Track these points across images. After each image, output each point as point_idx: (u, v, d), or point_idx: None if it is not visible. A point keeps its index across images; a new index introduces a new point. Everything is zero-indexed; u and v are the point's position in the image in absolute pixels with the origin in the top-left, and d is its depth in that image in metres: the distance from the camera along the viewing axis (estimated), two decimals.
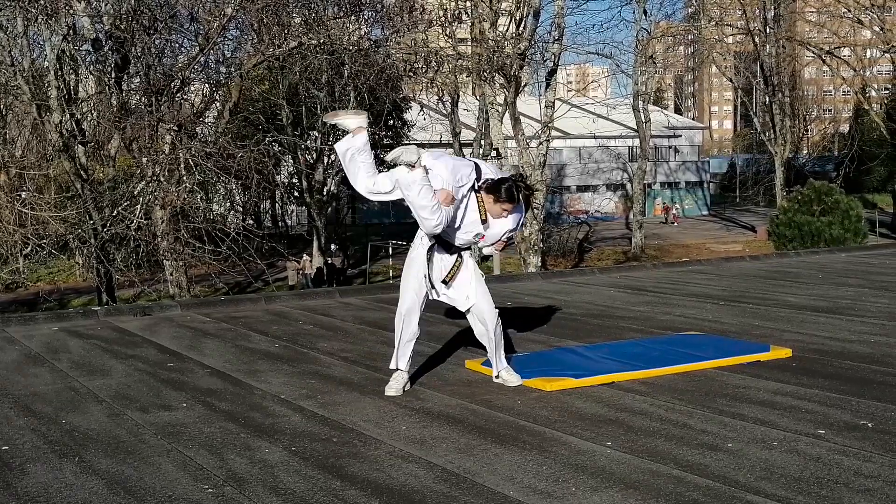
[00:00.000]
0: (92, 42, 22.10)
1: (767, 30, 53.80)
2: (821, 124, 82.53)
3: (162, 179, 20.31)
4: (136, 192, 20.71)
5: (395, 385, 6.68)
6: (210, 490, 4.69)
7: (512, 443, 5.42)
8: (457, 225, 6.59)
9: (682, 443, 5.35)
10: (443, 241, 6.69)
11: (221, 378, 7.34)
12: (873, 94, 63.37)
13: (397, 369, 6.76)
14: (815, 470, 4.82)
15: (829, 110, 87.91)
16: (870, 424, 5.64)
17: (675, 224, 65.43)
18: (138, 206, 20.39)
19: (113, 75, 21.87)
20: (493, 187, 6.54)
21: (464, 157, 6.82)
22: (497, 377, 6.96)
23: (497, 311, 6.87)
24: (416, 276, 6.71)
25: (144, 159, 20.81)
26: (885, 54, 53.24)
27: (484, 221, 6.60)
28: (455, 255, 6.79)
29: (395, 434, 5.65)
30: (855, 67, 56.43)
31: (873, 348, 8.07)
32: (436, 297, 6.81)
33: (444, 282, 6.74)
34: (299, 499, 4.55)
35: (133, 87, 22.44)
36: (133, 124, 20.69)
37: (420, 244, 6.72)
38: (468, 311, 6.82)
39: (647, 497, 4.47)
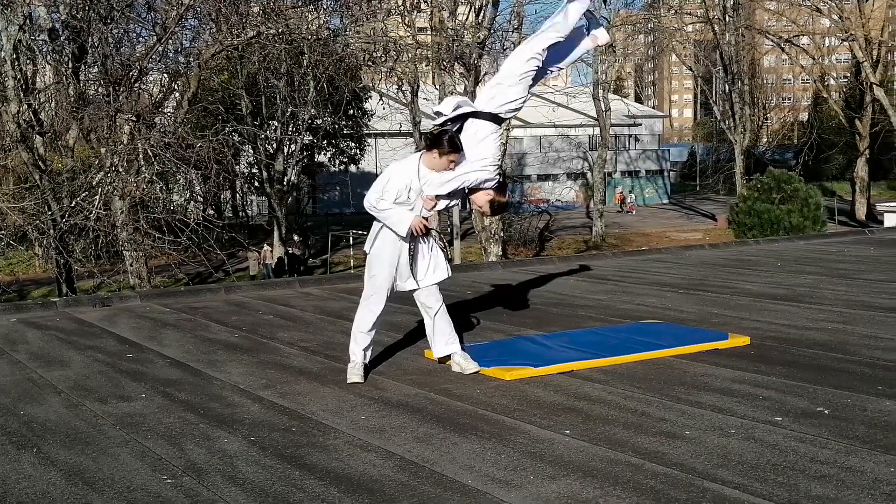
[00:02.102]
0: (48, 32, 21.92)
1: (727, 18, 54.01)
2: (780, 113, 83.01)
3: (121, 170, 20.18)
4: (94, 183, 20.57)
5: (357, 371, 6.69)
6: (169, 480, 4.68)
7: (471, 431, 5.43)
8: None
9: (641, 431, 5.38)
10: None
11: (181, 368, 7.32)
12: (832, 82, 63.83)
13: (359, 358, 6.77)
14: (772, 457, 4.86)
15: (789, 99, 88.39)
16: (826, 411, 5.69)
17: (631, 212, 65.63)
18: (97, 197, 20.24)
19: (70, 65, 21.69)
20: (435, 141, 6.60)
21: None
22: (440, 360, 7.02)
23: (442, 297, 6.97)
24: (388, 273, 6.71)
25: (103, 150, 20.68)
26: (844, 43, 53.62)
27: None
28: (430, 237, 6.84)
29: (354, 423, 5.66)
30: (814, 56, 56.82)
31: (831, 335, 8.13)
32: (411, 286, 6.82)
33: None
34: (258, 488, 4.54)
35: (91, 77, 22.27)
36: (91, 114, 20.55)
37: (383, 237, 6.72)
38: (415, 290, 6.84)
39: (604, 485, 4.50)
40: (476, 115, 6.91)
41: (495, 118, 6.97)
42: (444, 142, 6.59)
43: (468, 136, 6.85)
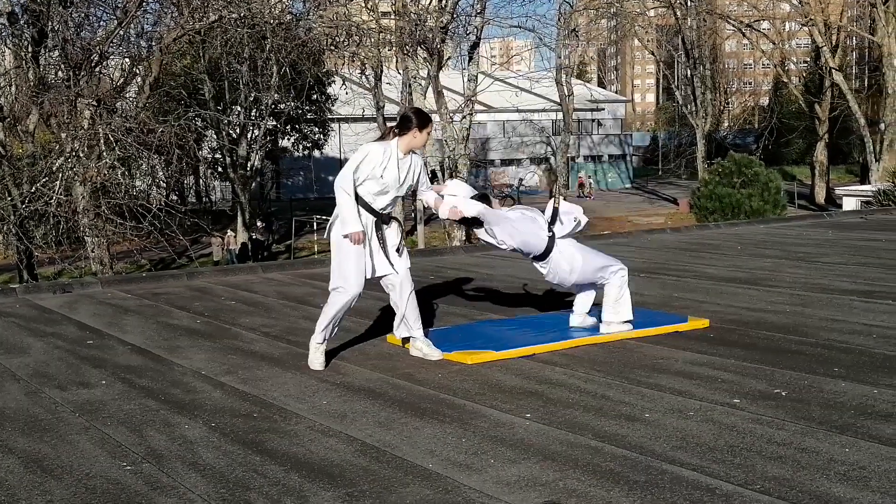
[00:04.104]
0: (8, 16, 21.70)
1: (688, 3, 54.21)
2: (741, 97, 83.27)
3: (81, 155, 20.03)
4: (55, 168, 20.40)
5: (320, 358, 6.66)
6: (128, 467, 4.67)
7: (432, 416, 5.45)
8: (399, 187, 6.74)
9: (601, 414, 5.41)
10: (375, 212, 6.69)
11: (142, 355, 7.29)
12: (792, 67, 64.19)
13: (320, 343, 6.73)
14: (730, 438, 4.90)
15: (750, 83, 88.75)
16: (783, 393, 5.75)
17: (590, 198, 65.53)
18: (58, 182, 20.08)
19: (30, 49, 21.50)
20: (405, 122, 6.68)
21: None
22: (406, 344, 7.03)
23: (412, 281, 6.93)
24: (356, 258, 6.64)
25: (63, 135, 20.51)
26: (804, 27, 53.89)
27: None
28: (394, 223, 6.84)
29: (316, 408, 5.66)
30: (774, 41, 57.08)
31: (789, 318, 8.21)
32: (383, 272, 6.80)
33: (396, 250, 6.81)
34: (218, 474, 4.54)
35: (51, 61, 22.08)
36: (51, 99, 20.38)
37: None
38: (384, 276, 6.83)
39: (564, 468, 4.53)
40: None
41: (548, 245, 7.36)
42: (412, 118, 6.65)
43: (528, 218, 7.35)
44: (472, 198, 7.15)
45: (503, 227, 7.19)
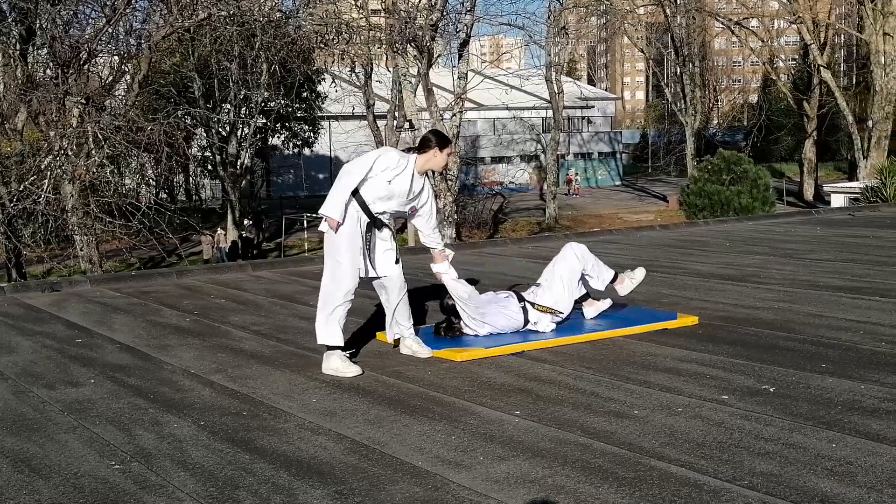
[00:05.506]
0: None
1: (678, 0, 54.21)
2: (730, 94, 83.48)
3: (70, 153, 20.00)
4: (43, 167, 20.36)
5: (348, 361, 6.52)
6: (117, 466, 4.67)
7: (422, 413, 5.45)
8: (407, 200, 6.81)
9: (590, 411, 5.42)
10: (373, 217, 6.67)
11: (131, 353, 7.28)
12: (781, 64, 64.29)
13: (339, 347, 6.57)
14: (718, 435, 4.92)
15: (739, 81, 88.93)
16: (771, 389, 5.76)
17: (577, 195, 65.46)
18: (46, 181, 20.04)
19: (18, 47, 21.46)
20: (425, 143, 6.78)
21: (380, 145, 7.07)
22: (395, 343, 7.02)
23: (406, 282, 6.93)
24: (353, 260, 6.59)
25: (52, 133, 20.47)
26: (792, 25, 53.94)
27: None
28: (386, 228, 6.82)
29: (305, 406, 5.66)
30: (763, 38, 57.16)
31: (777, 314, 8.22)
32: (373, 274, 6.79)
33: (396, 261, 6.80)
34: (207, 473, 4.54)
35: (39, 59, 22.05)
36: (40, 97, 20.35)
37: (348, 225, 6.59)
38: (377, 278, 6.82)
39: (553, 464, 4.54)
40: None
41: (525, 316, 7.56)
42: (431, 138, 6.76)
43: (499, 303, 7.60)
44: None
45: (478, 318, 7.38)
